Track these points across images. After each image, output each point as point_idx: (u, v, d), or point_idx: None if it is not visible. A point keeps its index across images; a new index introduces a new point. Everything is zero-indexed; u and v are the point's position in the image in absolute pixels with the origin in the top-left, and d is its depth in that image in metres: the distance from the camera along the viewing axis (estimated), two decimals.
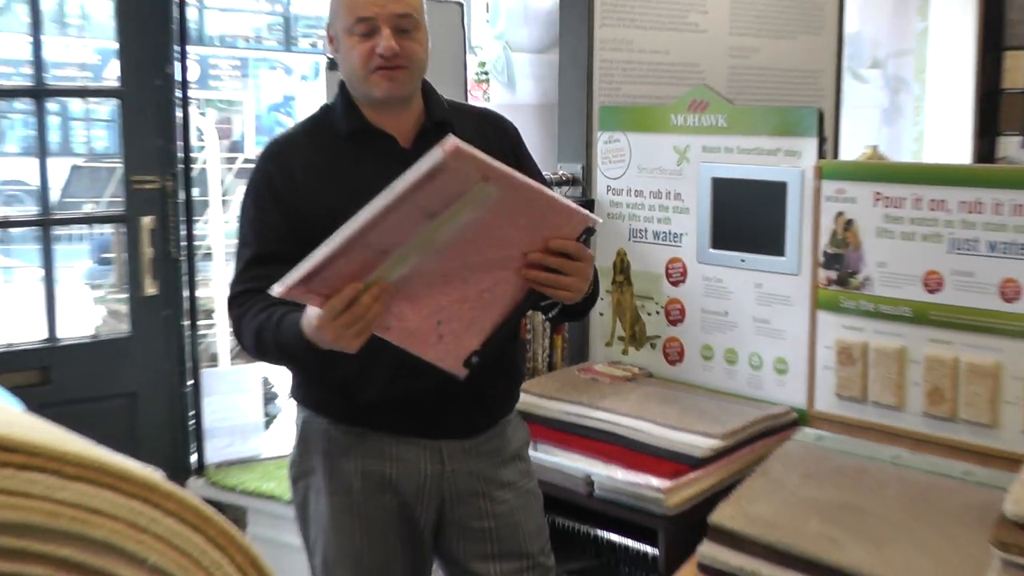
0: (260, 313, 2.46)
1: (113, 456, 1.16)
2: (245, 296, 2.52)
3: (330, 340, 2.17)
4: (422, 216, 2.09)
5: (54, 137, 8.45)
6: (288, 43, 18.34)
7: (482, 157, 2.02)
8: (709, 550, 2.81)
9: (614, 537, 3.20)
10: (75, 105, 4.04)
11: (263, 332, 2.44)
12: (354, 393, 2.58)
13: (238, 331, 2.55)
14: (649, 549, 3.07)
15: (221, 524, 1.16)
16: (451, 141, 1.95)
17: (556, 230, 2.21)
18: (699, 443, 3.04)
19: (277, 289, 2.07)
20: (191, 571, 1.13)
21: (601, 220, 2.48)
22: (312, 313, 2.20)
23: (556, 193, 2.35)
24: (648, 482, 2.99)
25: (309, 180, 2.56)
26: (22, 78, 4.21)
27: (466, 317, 2.23)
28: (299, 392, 2.73)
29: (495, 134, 2.79)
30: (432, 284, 2.18)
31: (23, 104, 4.21)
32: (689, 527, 2.92)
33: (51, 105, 5.15)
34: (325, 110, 2.73)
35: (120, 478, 1.12)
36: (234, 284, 2.59)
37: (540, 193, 2.20)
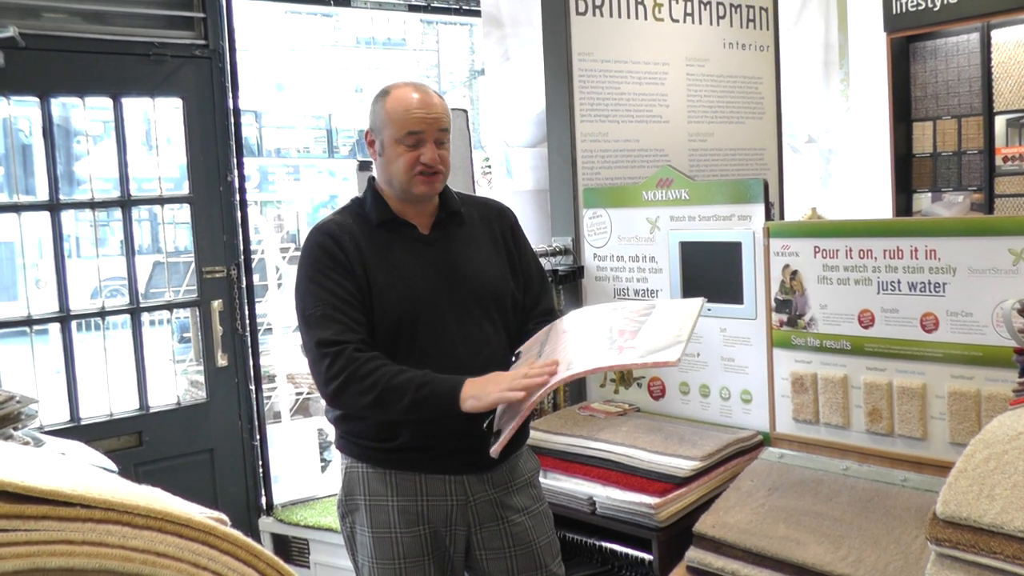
0: (384, 367, 2.43)
1: (177, 506, 1.16)
2: (341, 347, 2.44)
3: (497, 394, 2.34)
4: None
5: (146, 239, 8.51)
6: (331, 151, 18.50)
7: None
8: (695, 555, 2.78)
9: (615, 547, 3.17)
10: (163, 211, 4.12)
11: (399, 381, 2.41)
12: (388, 440, 2.57)
13: (348, 377, 2.42)
14: (645, 556, 3.03)
15: (270, 558, 1.16)
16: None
17: None
18: (682, 465, 3.01)
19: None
20: None
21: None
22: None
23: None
24: (641, 500, 2.96)
25: (353, 251, 2.56)
26: (118, 192, 4.24)
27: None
28: (342, 443, 2.71)
29: (496, 219, 2.82)
30: None
31: (118, 212, 4.24)
32: (678, 536, 2.90)
33: (142, 213, 5.21)
34: (357, 202, 2.73)
35: (183, 525, 1.11)
36: (317, 335, 2.48)
37: None
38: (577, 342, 2.47)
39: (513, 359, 2.61)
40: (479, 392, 2.37)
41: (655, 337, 2.39)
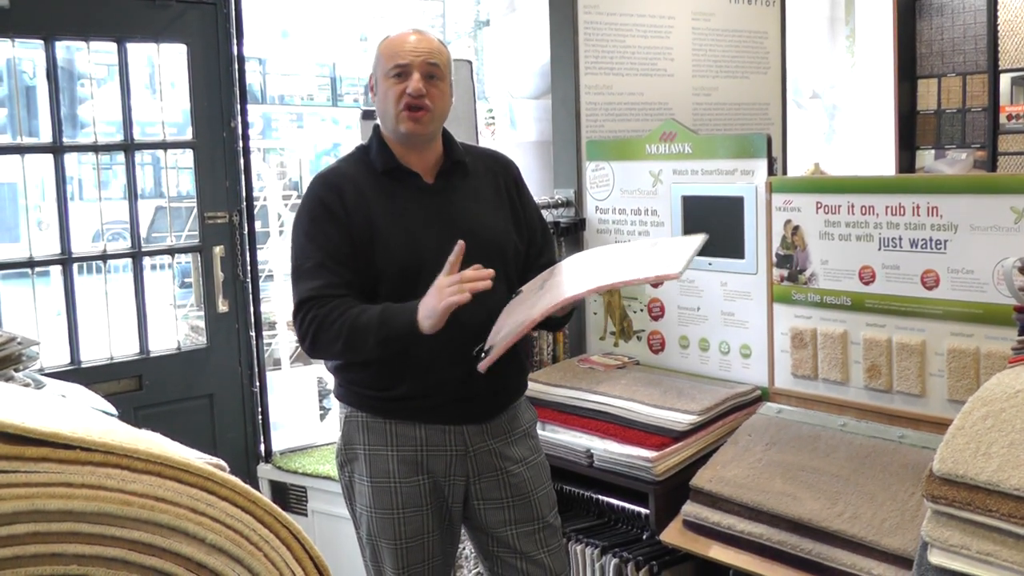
0: (349, 310, 2.44)
1: (176, 451, 1.15)
2: (316, 301, 2.46)
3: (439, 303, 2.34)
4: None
5: (149, 183, 8.47)
6: (335, 100, 18.39)
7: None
8: (692, 509, 2.79)
9: (612, 500, 3.18)
10: (166, 156, 4.08)
11: (362, 323, 2.42)
12: (388, 390, 2.57)
13: (317, 328, 2.46)
14: (642, 509, 3.04)
15: (268, 505, 1.15)
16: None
17: None
18: (680, 419, 3.01)
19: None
20: (244, 546, 1.11)
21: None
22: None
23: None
24: (639, 453, 2.96)
25: (355, 202, 2.55)
26: (121, 136, 4.21)
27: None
28: (341, 392, 2.71)
29: (501, 171, 2.81)
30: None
31: (121, 156, 4.21)
32: (674, 490, 2.91)
33: (145, 157, 5.18)
34: (362, 149, 2.72)
35: (182, 470, 1.11)
36: (301, 289, 2.51)
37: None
38: (577, 273, 2.48)
39: (513, 296, 2.59)
40: (427, 311, 2.38)
41: (657, 260, 2.41)
